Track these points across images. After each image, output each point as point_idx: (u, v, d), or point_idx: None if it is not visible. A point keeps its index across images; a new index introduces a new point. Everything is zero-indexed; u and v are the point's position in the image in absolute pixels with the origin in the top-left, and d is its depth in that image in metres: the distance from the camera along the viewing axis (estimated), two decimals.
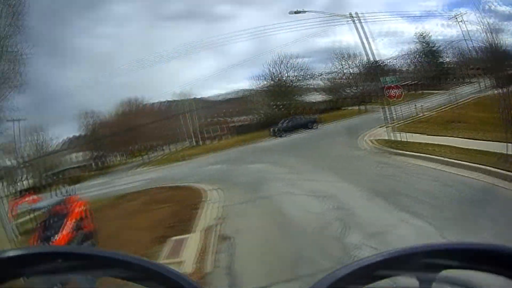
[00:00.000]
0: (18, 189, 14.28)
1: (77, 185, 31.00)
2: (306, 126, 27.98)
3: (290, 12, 13.67)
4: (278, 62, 38.59)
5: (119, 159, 49.64)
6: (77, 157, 47.54)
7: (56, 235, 7.91)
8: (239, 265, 5.33)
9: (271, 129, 29.02)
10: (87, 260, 0.54)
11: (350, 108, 36.40)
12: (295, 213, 6.87)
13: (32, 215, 10.46)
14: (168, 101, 46.48)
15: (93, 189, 22.29)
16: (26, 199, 12.42)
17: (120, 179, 26.32)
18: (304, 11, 13.96)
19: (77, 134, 43.47)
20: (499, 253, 0.53)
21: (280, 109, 36.96)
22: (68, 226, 8.21)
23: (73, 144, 44.67)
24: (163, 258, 6.47)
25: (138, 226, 8.89)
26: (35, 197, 12.01)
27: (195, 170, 17.93)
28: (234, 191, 10.45)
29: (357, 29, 13.79)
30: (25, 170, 38.74)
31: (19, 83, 12.77)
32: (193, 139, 43.13)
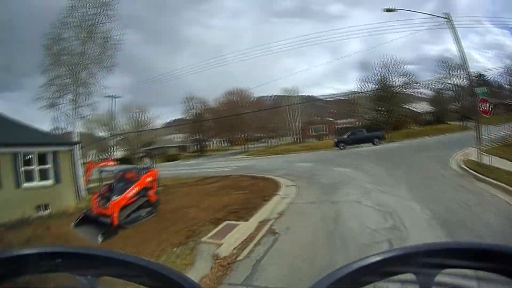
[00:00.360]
0: (109, 157, 16.75)
1: (171, 163, 35.62)
2: (370, 141, 26.47)
3: (383, 10, 12.57)
4: (386, 65, 35.67)
5: (219, 145, 54.39)
6: (178, 137, 54.04)
7: (116, 196, 8.98)
8: (267, 262, 5.25)
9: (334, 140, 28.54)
10: (87, 260, 0.54)
11: (453, 123, 31.77)
12: (352, 224, 6.48)
13: (105, 177, 11.94)
14: (276, 96, 48.45)
15: (182, 168, 25.18)
16: (103, 163, 14.49)
17: (213, 163, 28.51)
18: (396, 9, 12.63)
19: (181, 117, 49.31)
20: (499, 253, 0.52)
21: (383, 114, 34.06)
22: (131, 191, 9.25)
23: (177, 125, 50.82)
24: (206, 237, 6.75)
25: (202, 206, 9.55)
26: (111, 162, 13.73)
27: (285, 165, 18.80)
28: (309, 190, 10.64)
29: (456, 38, 11.83)
30: (119, 142, 45.82)
31: (110, 64, 14.89)
32: (295, 136, 44.00)
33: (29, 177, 11.08)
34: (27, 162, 11.17)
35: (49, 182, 11.49)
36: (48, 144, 12.00)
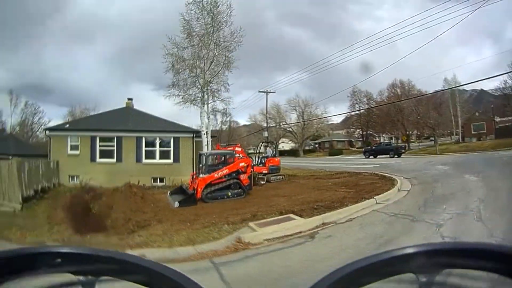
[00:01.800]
0: (237, 144, 18.08)
1: (331, 157, 35.35)
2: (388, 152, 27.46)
3: None
4: None
5: (386, 141, 49.78)
6: (346, 132, 52.64)
7: (204, 174, 10.06)
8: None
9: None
10: (87, 260, 0.55)
11: None
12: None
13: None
14: (437, 91, 40.47)
15: (331, 162, 24.84)
16: (230, 148, 15.49)
17: (365, 160, 27.41)
18: None
19: (346, 111, 47.70)
20: (499, 253, 0.52)
21: None
22: (220, 172, 10.17)
23: (340, 113, 49.32)
24: (254, 222, 6.96)
25: (294, 198, 9.69)
26: (238, 148, 14.58)
27: (423, 166, 16.40)
28: (421, 196, 9.05)
29: None
30: (286, 134, 47.46)
31: (231, 65, 15.55)
32: (457, 135, 35.78)
33: (150, 155, 14.31)
34: (150, 144, 14.42)
35: (168, 161, 14.37)
36: (169, 131, 14.81)
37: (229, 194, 10.48)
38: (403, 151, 28.30)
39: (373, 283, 0.54)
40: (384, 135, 47.32)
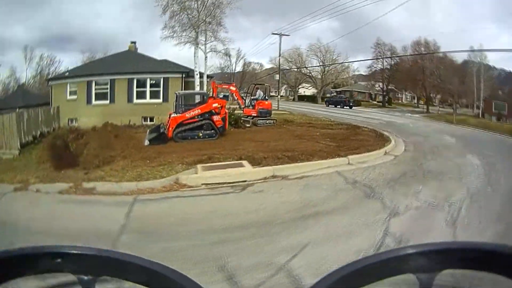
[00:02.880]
0: (231, 83, 17.89)
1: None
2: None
3: None
4: None
5: (408, 100, 47.30)
6: (368, 84, 50.07)
7: (176, 114, 10.44)
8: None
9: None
10: (87, 260, 0.55)
11: None
12: None
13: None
14: (465, 60, 36.69)
15: (341, 112, 24.46)
16: (224, 86, 15.33)
17: (376, 114, 26.32)
18: None
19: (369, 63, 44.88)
20: (499, 253, 0.52)
21: None
22: (192, 112, 10.49)
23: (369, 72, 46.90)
24: (203, 165, 7.31)
25: (266, 145, 9.55)
26: (233, 88, 14.83)
27: (430, 132, 15.18)
28: (404, 166, 8.26)
29: None
30: (305, 79, 45.78)
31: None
32: (478, 109, 33.00)
33: (141, 96, 14.64)
34: (141, 85, 14.69)
35: (158, 100, 14.61)
36: (159, 72, 14.76)
37: (200, 134, 10.60)
38: (351, 104, 30.36)
39: (372, 283, 0.54)
40: (406, 93, 44.79)
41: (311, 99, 44.99)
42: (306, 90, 52.83)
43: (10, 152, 10.82)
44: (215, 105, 10.97)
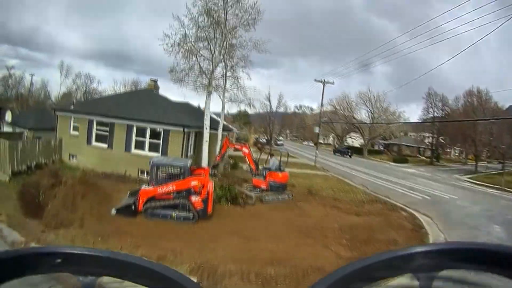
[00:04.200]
0: (245, 143, 16.81)
1: (397, 164, 31.50)
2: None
3: None
4: None
5: (457, 155, 42.84)
6: (416, 137, 46.28)
7: (147, 186, 9.39)
8: None
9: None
10: (87, 260, 0.55)
11: None
12: None
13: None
14: None
15: (379, 173, 21.76)
16: (237, 146, 14.51)
17: (422, 180, 23.85)
18: None
19: (422, 115, 41.43)
20: (499, 253, 0.52)
21: None
22: (165, 188, 9.27)
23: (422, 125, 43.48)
24: None
25: (250, 239, 8.33)
26: (245, 150, 13.41)
27: (478, 214, 13.46)
28: None
29: None
30: (353, 129, 43.66)
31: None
32: None
33: (140, 146, 13.84)
34: (141, 134, 13.88)
35: (157, 154, 13.10)
36: (159, 123, 13.72)
37: (174, 215, 9.07)
38: (349, 154, 37.64)
39: (373, 283, 0.55)
40: (455, 148, 40.58)
41: (357, 151, 42.31)
42: (354, 140, 50.34)
43: (3, 175, 11.31)
44: (194, 183, 9.37)
